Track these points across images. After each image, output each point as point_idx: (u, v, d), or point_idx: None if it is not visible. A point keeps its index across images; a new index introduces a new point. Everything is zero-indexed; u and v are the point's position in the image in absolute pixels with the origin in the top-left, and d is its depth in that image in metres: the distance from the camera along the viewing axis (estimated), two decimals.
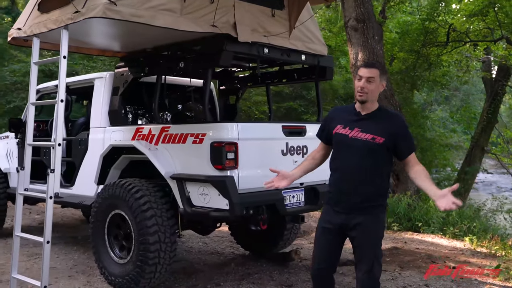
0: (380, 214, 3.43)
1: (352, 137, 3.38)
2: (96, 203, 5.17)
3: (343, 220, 3.41)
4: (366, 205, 3.36)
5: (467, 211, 11.17)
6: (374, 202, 3.39)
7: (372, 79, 3.33)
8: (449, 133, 19.07)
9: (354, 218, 3.37)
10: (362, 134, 3.35)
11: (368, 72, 3.34)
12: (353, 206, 3.38)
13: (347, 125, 3.43)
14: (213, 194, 4.42)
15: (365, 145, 3.34)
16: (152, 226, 4.62)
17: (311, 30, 5.34)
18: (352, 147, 3.38)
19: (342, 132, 3.44)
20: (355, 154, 3.36)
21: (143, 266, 4.64)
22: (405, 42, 15.43)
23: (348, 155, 3.40)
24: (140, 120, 6.31)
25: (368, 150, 3.33)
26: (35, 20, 4.43)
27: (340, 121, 3.49)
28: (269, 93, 6.45)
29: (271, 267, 5.92)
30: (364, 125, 3.38)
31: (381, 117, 3.42)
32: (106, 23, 4.17)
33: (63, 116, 4.35)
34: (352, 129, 3.40)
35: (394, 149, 3.38)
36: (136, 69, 5.37)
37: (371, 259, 3.36)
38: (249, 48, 4.69)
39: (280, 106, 17.42)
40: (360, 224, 3.36)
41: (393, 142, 3.35)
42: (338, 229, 3.45)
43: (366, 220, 3.36)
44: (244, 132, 4.53)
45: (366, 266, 3.36)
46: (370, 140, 3.33)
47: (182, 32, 4.32)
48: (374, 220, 3.39)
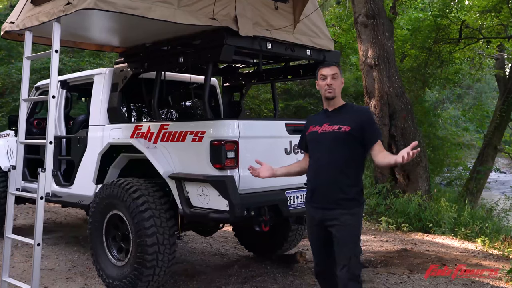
0: (355, 208, 3.43)
1: (321, 132, 3.51)
2: (94, 203, 5.03)
3: (321, 215, 3.47)
4: (340, 197, 3.40)
5: (479, 211, 10.95)
6: (348, 195, 3.41)
7: (336, 75, 3.52)
8: (461, 131, 18.78)
9: (330, 213, 3.42)
10: (330, 127, 3.48)
11: (331, 70, 3.52)
12: (328, 199, 3.44)
13: (318, 123, 3.59)
14: (213, 195, 4.24)
15: (333, 136, 3.44)
16: (150, 227, 4.46)
17: (316, 24, 5.13)
18: (322, 140, 3.50)
19: (313, 130, 3.59)
20: (325, 147, 3.47)
21: (140, 269, 4.49)
22: (416, 39, 15.18)
23: (319, 149, 3.51)
24: (141, 118, 6.15)
25: (336, 141, 3.43)
26: (28, 13, 4.27)
27: (312, 122, 3.66)
28: (274, 90, 6.24)
29: (276, 270, 5.74)
30: (332, 119, 3.51)
31: (348, 110, 3.55)
32: (101, 16, 4.00)
33: (55, 113, 4.18)
34: (322, 125, 3.54)
35: (362, 139, 3.43)
36: (136, 64, 5.21)
37: (348, 255, 3.37)
38: (251, 43, 4.50)
39: (289, 104, 17.21)
40: (336, 219, 3.39)
41: (360, 131, 3.41)
42: (320, 225, 3.51)
43: (342, 215, 3.38)
44: (246, 130, 4.34)
45: (343, 262, 3.38)
46: (336, 130, 3.43)
47: (181, 26, 4.14)
48: (350, 213, 3.40)
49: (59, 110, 6.14)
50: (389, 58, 10.80)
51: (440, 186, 15.67)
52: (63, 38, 5.13)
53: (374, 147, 3.43)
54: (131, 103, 6.12)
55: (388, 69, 10.74)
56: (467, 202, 10.98)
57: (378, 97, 10.75)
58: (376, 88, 10.81)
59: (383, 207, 9.83)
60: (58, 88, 6.18)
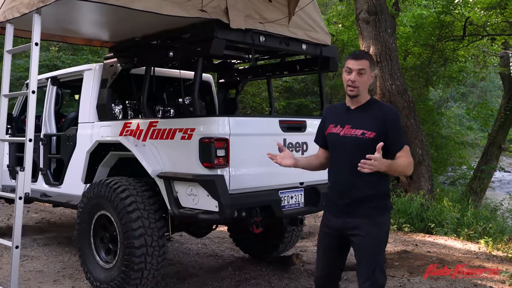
0: (379, 217, 3.11)
1: (343, 135, 3.14)
2: (81, 203, 4.86)
3: (341, 223, 3.14)
4: (363, 207, 3.08)
5: (483, 211, 10.73)
6: (372, 204, 3.09)
7: (363, 71, 3.07)
8: (465, 130, 18.53)
9: (352, 222, 3.10)
10: (352, 130, 3.10)
11: (358, 64, 3.07)
12: (350, 208, 3.11)
13: (338, 123, 3.20)
14: (202, 195, 4.06)
15: (356, 142, 3.07)
16: (138, 229, 4.29)
17: (312, 18, 4.94)
18: (343, 145, 3.13)
19: (333, 132, 3.21)
20: (346, 153, 3.11)
21: (128, 272, 4.31)
22: (419, 36, 14.93)
23: (340, 154, 3.16)
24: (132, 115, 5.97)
25: (359, 147, 3.04)
26: (9, 5, 4.10)
27: (332, 120, 3.27)
28: (270, 86, 6.06)
29: (271, 272, 5.55)
30: (354, 120, 3.13)
31: (372, 108, 3.15)
32: (85, 8, 3.84)
33: (35, 109, 4.00)
34: (343, 127, 3.16)
35: (386, 143, 3.00)
36: (125, 59, 5.03)
37: (372, 266, 3.06)
38: (243, 36, 4.31)
39: (291, 102, 17.03)
40: (358, 228, 3.08)
41: (385, 134, 3.03)
42: (337, 234, 3.19)
43: (365, 223, 3.07)
44: (237, 127, 4.16)
45: (366, 274, 3.07)
46: (359, 136, 3.06)
47: (169, 18, 3.97)
48: (374, 223, 3.08)
49: (49, 107, 5.99)
50: (391, 55, 10.58)
51: (443, 186, 15.43)
52: (49, 32, 5.01)
53: (399, 154, 3.04)
54: (121, 99, 5.95)
55: (390, 66, 10.51)
56: (471, 202, 10.75)
57: (380, 95, 10.53)
58: (378, 86, 10.59)
59: None
60: (48, 84, 6.05)
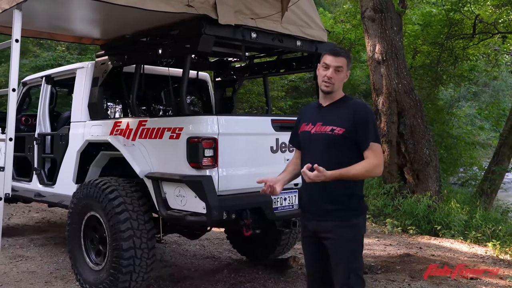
0: (354, 219, 2.99)
1: (314, 132, 3.05)
2: (71, 203, 4.76)
3: (315, 226, 3.06)
4: (335, 208, 2.97)
5: (493, 213, 10.50)
6: (344, 205, 2.98)
7: (340, 69, 3.00)
8: (477, 130, 18.23)
9: (324, 225, 3.00)
10: (323, 127, 3.01)
11: (336, 61, 2.99)
12: (321, 210, 3.01)
13: (310, 121, 3.12)
14: (190, 196, 3.94)
15: (325, 139, 2.98)
16: (127, 230, 4.18)
17: (307, 13, 4.78)
18: (315, 143, 3.03)
19: (305, 130, 3.12)
20: (317, 151, 3.00)
21: (116, 274, 4.21)
22: (428, 34, 14.68)
23: (312, 153, 3.03)
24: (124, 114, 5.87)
25: (328, 144, 2.97)
26: None
27: (305, 118, 3.19)
28: (266, 84, 5.94)
29: (267, 275, 5.40)
30: (325, 117, 3.04)
31: (345, 105, 3.05)
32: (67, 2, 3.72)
33: (15, 108, 3.90)
34: (315, 124, 3.07)
35: (355, 140, 2.93)
36: (116, 57, 4.92)
37: (347, 272, 2.95)
38: (233, 32, 4.17)
39: (298, 102, 16.87)
40: (331, 231, 2.97)
41: (355, 131, 2.94)
42: (314, 236, 3.09)
43: (338, 226, 2.96)
44: (226, 126, 4.02)
45: (341, 279, 2.97)
46: (329, 132, 2.97)
47: (158, 15, 3.86)
48: (347, 226, 2.96)
49: (43, 106, 5.92)
50: (398, 53, 10.39)
51: (452, 187, 15.17)
52: (36, 29, 4.91)
53: (365, 153, 2.92)
54: (112, 98, 5.85)
55: (396, 64, 10.33)
56: (480, 204, 10.51)
57: (386, 94, 10.35)
58: (384, 85, 10.41)
59: (390, 208, 9.44)
60: (43, 83, 5.97)
